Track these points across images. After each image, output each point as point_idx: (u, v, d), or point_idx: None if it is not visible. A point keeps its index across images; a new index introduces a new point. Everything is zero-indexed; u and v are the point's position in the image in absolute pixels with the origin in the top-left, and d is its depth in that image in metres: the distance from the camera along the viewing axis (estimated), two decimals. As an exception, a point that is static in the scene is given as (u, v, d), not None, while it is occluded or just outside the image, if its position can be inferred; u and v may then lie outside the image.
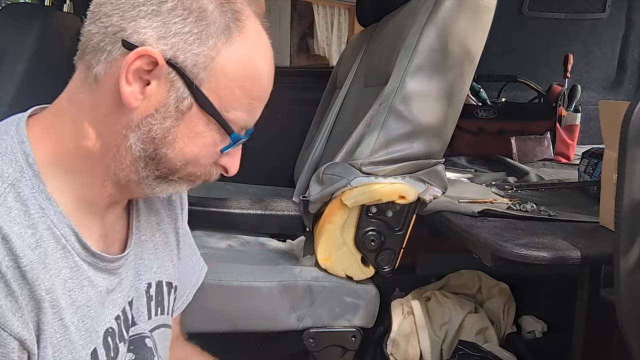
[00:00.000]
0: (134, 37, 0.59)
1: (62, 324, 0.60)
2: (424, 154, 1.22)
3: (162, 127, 0.61)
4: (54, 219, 0.60)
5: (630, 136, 0.72)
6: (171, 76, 0.60)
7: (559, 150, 1.89)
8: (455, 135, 1.32)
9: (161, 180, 0.65)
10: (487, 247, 0.98)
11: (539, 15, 2.22)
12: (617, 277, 0.73)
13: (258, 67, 0.65)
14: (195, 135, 0.63)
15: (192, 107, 0.61)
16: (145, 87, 0.60)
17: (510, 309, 1.44)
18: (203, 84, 0.61)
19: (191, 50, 0.60)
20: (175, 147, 0.63)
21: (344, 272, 1.26)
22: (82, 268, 0.63)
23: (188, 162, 0.64)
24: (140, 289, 0.75)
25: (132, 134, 0.61)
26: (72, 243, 0.61)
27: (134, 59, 0.59)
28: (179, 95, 0.61)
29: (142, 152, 0.62)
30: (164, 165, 0.64)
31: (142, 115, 0.61)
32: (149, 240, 0.77)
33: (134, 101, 0.60)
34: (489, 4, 1.21)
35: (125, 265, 0.70)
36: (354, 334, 1.28)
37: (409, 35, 1.24)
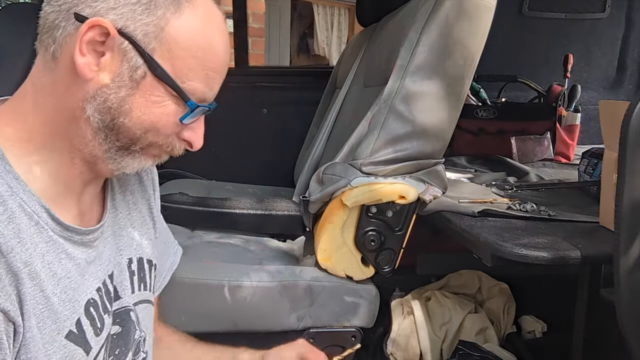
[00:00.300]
0: (86, 10, 0.61)
1: (43, 295, 0.61)
2: (424, 154, 1.22)
3: (118, 96, 0.63)
4: (23, 197, 0.61)
5: (630, 136, 0.72)
6: (124, 46, 0.62)
7: (559, 150, 1.89)
8: (455, 135, 1.32)
9: (124, 153, 0.67)
10: (487, 247, 0.98)
11: (539, 15, 2.22)
12: (617, 277, 0.73)
13: (210, 37, 0.66)
14: (152, 104, 0.65)
15: (146, 75, 0.63)
16: (99, 59, 0.62)
17: (510, 309, 1.44)
18: (155, 53, 0.63)
19: (141, 20, 0.62)
20: (132, 116, 0.64)
21: (344, 272, 1.26)
22: (58, 242, 0.64)
23: (147, 130, 0.66)
24: (122, 263, 0.77)
25: (89, 105, 0.63)
26: (45, 219, 0.63)
27: (86, 30, 0.60)
28: (132, 65, 0.62)
29: (100, 123, 0.64)
30: (124, 134, 0.65)
31: (98, 86, 0.62)
32: (126, 218, 0.79)
33: (89, 72, 0.62)
34: (489, 4, 1.21)
35: (102, 239, 0.72)
36: (354, 334, 1.28)
37: (409, 35, 1.24)
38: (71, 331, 0.64)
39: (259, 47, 5.05)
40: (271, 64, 5.52)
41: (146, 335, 0.81)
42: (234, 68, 2.40)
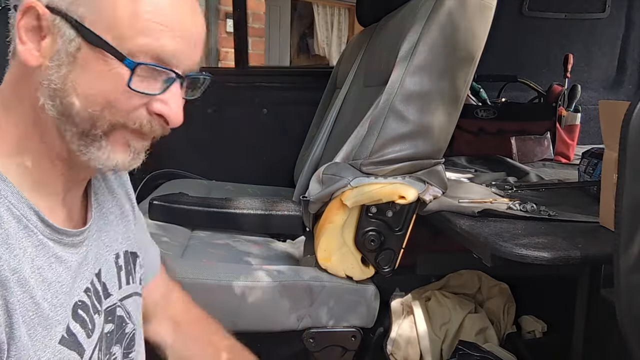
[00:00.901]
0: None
1: (33, 302, 0.59)
2: (424, 154, 1.22)
3: (59, 75, 0.60)
4: (12, 200, 0.59)
5: (630, 136, 0.72)
6: (56, 22, 0.59)
7: (559, 150, 1.89)
8: (455, 135, 1.32)
9: (87, 140, 0.62)
10: (487, 247, 0.98)
11: (539, 15, 2.22)
12: (617, 277, 0.73)
13: None
14: (97, 75, 0.60)
15: (81, 46, 0.59)
16: (40, 43, 0.60)
17: (510, 309, 1.44)
18: (85, 20, 0.59)
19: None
20: (78, 92, 0.60)
21: (344, 272, 1.26)
22: (48, 245, 0.62)
23: (102, 107, 0.61)
24: (110, 260, 0.75)
25: (40, 93, 0.61)
26: (34, 222, 0.61)
27: (20, 17, 0.60)
28: (65, 38, 0.59)
29: (53, 110, 0.61)
30: (79, 117, 0.61)
31: (42, 70, 0.61)
32: (109, 213, 0.78)
33: (32, 58, 0.60)
34: (489, 3, 1.21)
35: (90, 238, 0.71)
36: (354, 334, 1.28)
37: (409, 35, 1.24)
38: (63, 336, 0.63)
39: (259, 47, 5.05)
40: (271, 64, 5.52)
41: (136, 327, 0.80)
42: (234, 68, 2.40)
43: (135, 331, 0.80)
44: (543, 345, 1.37)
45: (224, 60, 4.81)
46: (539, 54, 2.25)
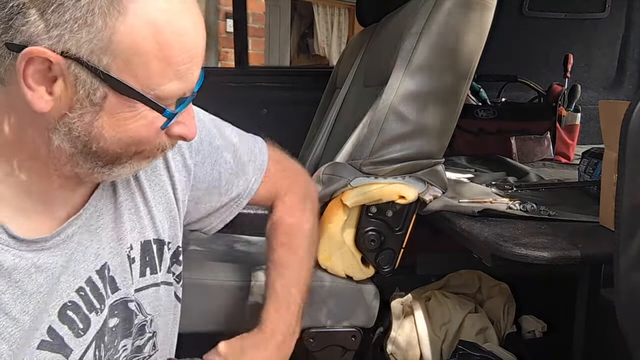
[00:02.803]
0: (18, 37, 0.54)
1: (9, 318, 0.59)
2: (424, 154, 1.22)
3: (82, 123, 0.57)
4: None
5: (630, 136, 0.72)
6: (72, 69, 0.55)
7: (559, 150, 1.89)
8: (455, 135, 1.32)
9: (112, 166, 0.62)
10: (487, 247, 0.98)
11: (539, 15, 2.22)
12: (617, 277, 0.73)
13: (171, 27, 0.57)
14: (124, 121, 0.58)
15: (107, 95, 0.56)
16: (52, 86, 0.56)
17: (510, 309, 1.44)
18: (111, 68, 0.55)
19: (80, 38, 0.54)
20: (106, 138, 0.59)
21: (344, 272, 1.26)
22: (25, 257, 0.61)
23: (128, 145, 0.61)
24: (122, 253, 0.73)
25: (55, 135, 0.58)
26: (5, 240, 0.60)
27: (25, 64, 0.54)
28: (88, 88, 0.56)
29: (73, 150, 0.59)
30: (104, 155, 0.60)
31: (58, 116, 0.57)
32: (129, 200, 0.75)
33: (44, 104, 0.56)
34: (489, 4, 1.21)
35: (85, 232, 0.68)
36: (354, 334, 1.28)
37: (409, 35, 1.24)
38: (43, 340, 0.62)
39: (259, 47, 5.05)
40: (271, 64, 5.52)
41: (153, 316, 0.79)
42: (234, 68, 2.40)
43: (150, 320, 0.79)
44: (543, 345, 1.37)
45: (224, 60, 4.82)
46: (539, 54, 2.24)
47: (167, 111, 0.60)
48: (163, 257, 0.79)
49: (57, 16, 0.53)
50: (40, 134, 0.59)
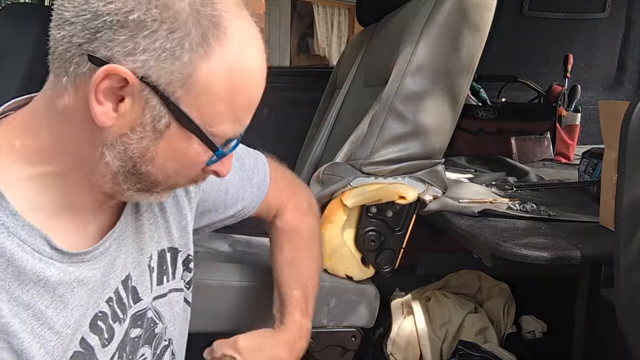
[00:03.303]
0: (101, 51, 0.54)
1: (53, 332, 0.59)
2: (424, 154, 1.22)
3: (140, 146, 0.58)
4: (22, 235, 0.57)
5: (630, 136, 0.72)
6: (145, 93, 0.56)
7: (559, 150, 1.89)
8: (455, 135, 1.32)
9: (145, 192, 0.64)
10: (487, 247, 0.98)
11: (539, 15, 2.22)
12: (617, 277, 0.73)
13: (243, 74, 0.59)
14: (177, 152, 0.60)
15: (170, 125, 0.58)
16: (119, 104, 0.56)
17: (510, 309, 1.44)
18: (181, 101, 0.57)
19: (164, 68, 0.55)
20: (155, 163, 0.60)
21: (344, 272, 1.26)
22: (68, 271, 0.61)
23: (170, 176, 0.62)
24: (143, 262, 0.74)
25: (108, 151, 0.58)
26: (48, 253, 0.59)
27: (102, 78, 0.54)
28: (155, 114, 0.57)
29: (120, 168, 0.60)
30: (146, 179, 0.61)
31: (117, 134, 0.57)
32: (148, 210, 0.76)
33: (107, 120, 0.56)
34: (489, 3, 1.21)
35: (117, 243, 0.69)
36: (354, 334, 1.28)
37: (409, 35, 1.24)
38: (76, 351, 0.63)
39: (259, 47, 5.05)
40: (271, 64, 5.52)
41: (167, 324, 0.80)
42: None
43: (165, 328, 0.79)
44: (543, 345, 1.37)
45: (224, 61, 4.81)
46: (539, 54, 2.24)
47: (220, 151, 0.62)
48: (176, 264, 0.81)
49: (147, 42, 0.54)
50: (92, 147, 0.59)
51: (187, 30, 0.55)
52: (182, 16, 0.55)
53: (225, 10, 0.57)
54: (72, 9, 0.56)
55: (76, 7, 0.55)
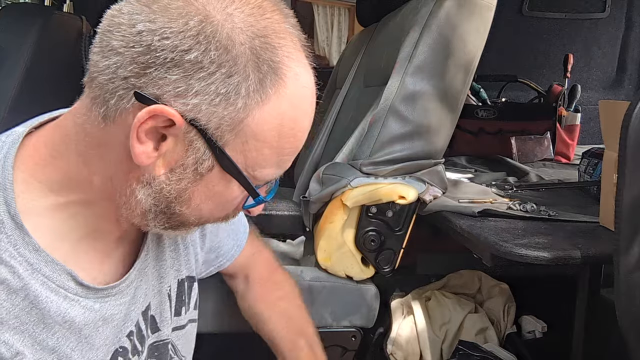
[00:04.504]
0: (149, 88, 0.51)
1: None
2: (424, 154, 1.22)
3: (177, 187, 0.55)
4: (46, 272, 0.54)
5: (630, 136, 0.72)
6: (190, 135, 0.52)
7: (559, 150, 1.89)
8: (455, 135, 1.32)
9: (173, 229, 0.61)
10: (487, 247, 0.98)
11: (539, 15, 2.22)
12: (617, 277, 0.73)
13: (294, 123, 0.57)
14: (214, 194, 0.57)
15: (213, 168, 0.55)
16: (160, 143, 0.53)
17: (510, 309, 1.44)
18: (227, 145, 0.53)
19: (215, 112, 0.51)
20: (190, 204, 0.57)
21: (344, 272, 1.26)
22: (93, 309, 0.59)
23: (203, 217, 0.60)
24: (163, 291, 0.71)
25: (143, 189, 0.55)
26: (74, 289, 0.57)
27: (146, 118, 0.51)
28: (198, 157, 0.53)
29: (152, 207, 0.56)
30: (176, 219, 0.59)
31: (155, 173, 0.54)
32: (171, 238, 0.74)
33: (146, 159, 0.53)
34: (489, 4, 1.21)
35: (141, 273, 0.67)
36: (354, 334, 1.28)
37: (409, 35, 1.24)
38: None
39: (259, 47, 5.04)
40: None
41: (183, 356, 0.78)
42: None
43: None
44: (543, 345, 1.37)
45: (224, 61, 4.81)
46: (539, 54, 2.25)
47: (260, 197, 0.59)
48: (192, 293, 0.78)
49: (202, 85, 0.51)
50: (125, 182, 0.56)
51: (246, 75, 0.52)
52: (241, 60, 0.51)
53: (285, 55, 0.54)
54: (120, 38, 0.51)
55: (126, 37, 0.51)
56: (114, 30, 0.52)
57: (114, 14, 0.53)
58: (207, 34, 0.50)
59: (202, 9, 0.51)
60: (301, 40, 0.58)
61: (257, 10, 0.53)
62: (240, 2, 0.53)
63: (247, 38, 0.52)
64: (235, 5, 0.52)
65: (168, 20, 0.50)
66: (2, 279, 0.52)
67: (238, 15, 0.52)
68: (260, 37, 0.52)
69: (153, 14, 0.51)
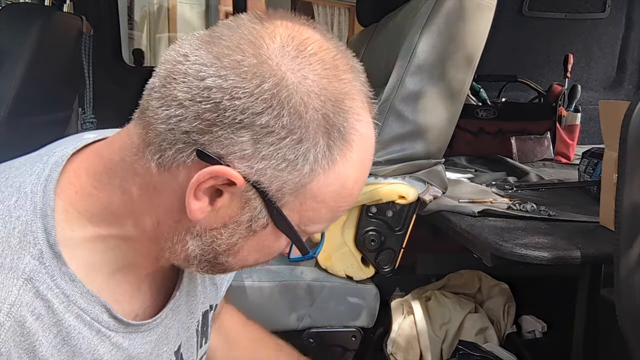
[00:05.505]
0: (213, 147, 0.48)
1: None
2: (424, 154, 1.22)
3: (228, 242, 0.54)
4: (81, 304, 0.53)
5: (630, 136, 0.72)
6: (249, 194, 0.51)
7: (559, 150, 1.89)
8: (455, 135, 1.32)
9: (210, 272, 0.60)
10: (487, 247, 0.98)
11: (539, 15, 2.22)
12: (617, 277, 0.73)
13: (353, 184, 0.54)
14: (263, 247, 0.56)
15: (267, 226, 0.53)
16: (216, 199, 0.51)
17: (510, 309, 1.44)
18: (286, 206, 0.52)
19: (280, 177, 0.49)
20: (238, 256, 0.56)
21: (344, 272, 1.26)
22: (122, 347, 0.57)
23: (247, 265, 0.59)
24: (192, 328, 0.70)
25: (192, 240, 0.54)
26: (107, 323, 0.55)
27: (207, 178, 0.49)
28: (254, 215, 0.52)
29: (199, 256, 0.55)
30: (221, 267, 0.57)
31: (207, 227, 0.53)
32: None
33: (200, 215, 0.51)
34: (489, 4, 1.21)
35: (173, 310, 0.65)
36: (354, 334, 1.28)
37: (409, 35, 1.24)
38: None
39: (259, 47, 5.04)
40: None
41: None
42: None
43: None
44: (543, 345, 1.37)
45: (224, 60, 4.81)
46: (539, 54, 2.24)
47: (310, 254, 0.57)
48: (209, 323, 0.76)
49: (270, 149, 0.48)
50: (174, 230, 0.54)
51: (316, 141, 0.49)
52: (312, 126, 0.49)
53: (355, 119, 0.52)
54: (186, 90, 0.48)
55: (192, 90, 0.48)
56: (179, 80, 0.49)
57: (178, 59, 0.50)
58: (281, 98, 0.48)
59: (277, 69, 0.49)
60: (368, 96, 0.55)
61: (332, 72, 0.51)
62: (316, 62, 0.50)
63: (321, 103, 0.49)
64: (311, 67, 0.50)
65: (241, 79, 0.47)
66: (37, 314, 0.50)
67: (312, 77, 0.50)
68: (333, 100, 0.50)
69: (224, 70, 0.48)
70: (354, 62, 0.54)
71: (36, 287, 0.50)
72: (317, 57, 0.51)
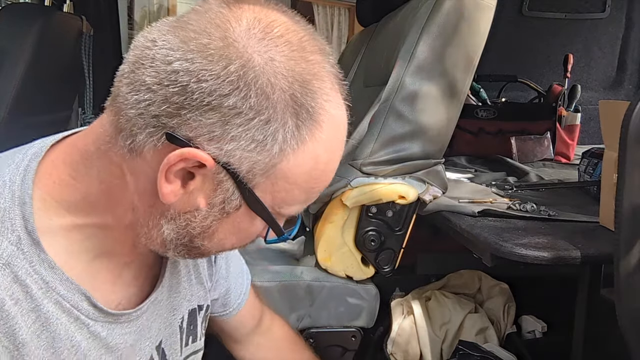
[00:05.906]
0: (182, 130, 0.49)
1: None
2: (424, 154, 1.22)
3: (202, 224, 0.54)
4: (60, 291, 0.53)
5: (630, 136, 0.72)
6: (220, 176, 0.51)
7: (559, 150, 1.89)
8: (455, 135, 1.32)
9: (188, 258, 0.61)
10: (487, 247, 0.98)
11: (539, 15, 2.22)
12: (617, 277, 0.73)
13: (325, 165, 0.55)
14: (239, 230, 0.57)
15: (240, 207, 0.54)
16: (188, 182, 0.52)
17: (510, 309, 1.44)
18: (257, 187, 0.52)
19: (249, 157, 0.50)
20: (213, 239, 0.56)
21: (344, 272, 1.26)
22: (100, 336, 0.57)
23: (224, 249, 0.60)
24: (174, 324, 0.70)
25: (167, 224, 0.54)
26: (86, 310, 0.55)
27: (177, 160, 0.49)
28: (226, 197, 0.53)
29: (174, 240, 0.56)
30: (197, 251, 0.58)
31: (181, 210, 0.53)
32: (185, 269, 0.72)
33: (173, 198, 0.52)
34: (489, 4, 1.21)
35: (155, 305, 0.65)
36: (354, 334, 1.28)
37: (409, 35, 1.24)
38: None
39: (259, 47, 5.04)
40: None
41: None
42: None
43: None
44: (543, 345, 1.37)
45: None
46: (539, 54, 2.24)
47: (285, 235, 0.59)
48: (198, 323, 0.77)
49: (238, 130, 0.49)
50: (148, 215, 0.55)
51: (284, 121, 0.50)
52: (280, 106, 0.50)
53: (324, 99, 0.53)
54: (154, 75, 0.49)
55: (160, 75, 0.49)
56: (147, 65, 0.50)
57: (146, 44, 0.51)
58: (247, 80, 0.48)
59: (244, 51, 0.49)
60: (338, 78, 0.56)
61: (299, 53, 0.51)
62: (283, 44, 0.51)
63: (288, 84, 0.50)
64: (277, 49, 0.50)
65: (207, 62, 0.48)
66: (16, 299, 0.51)
67: (279, 59, 0.50)
68: (301, 81, 0.51)
69: (190, 53, 0.48)
70: (322, 44, 0.55)
71: (14, 272, 0.51)
72: (284, 39, 0.51)
